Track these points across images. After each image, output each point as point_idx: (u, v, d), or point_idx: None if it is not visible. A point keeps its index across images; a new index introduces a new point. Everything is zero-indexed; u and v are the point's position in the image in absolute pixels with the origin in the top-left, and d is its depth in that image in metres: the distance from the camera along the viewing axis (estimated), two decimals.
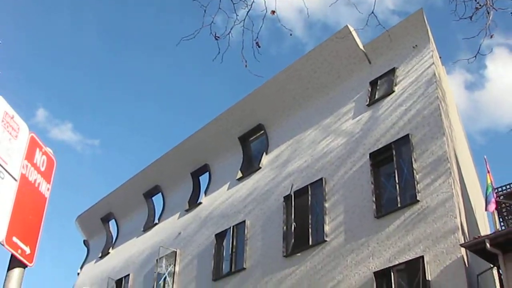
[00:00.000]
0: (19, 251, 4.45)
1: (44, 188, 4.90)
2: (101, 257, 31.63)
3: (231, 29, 7.80)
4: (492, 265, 15.68)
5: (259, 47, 8.02)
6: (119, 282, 28.30)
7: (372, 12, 7.86)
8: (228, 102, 74.30)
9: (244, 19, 7.72)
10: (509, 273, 14.08)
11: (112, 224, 32.48)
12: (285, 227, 20.04)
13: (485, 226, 22.63)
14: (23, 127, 4.74)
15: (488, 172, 17.15)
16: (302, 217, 19.66)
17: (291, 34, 9.25)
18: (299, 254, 19.04)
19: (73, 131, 74.79)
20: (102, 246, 32.18)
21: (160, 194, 28.81)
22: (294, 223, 19.74)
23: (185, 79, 70.70)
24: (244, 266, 20.97)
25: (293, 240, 19.62)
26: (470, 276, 15.07)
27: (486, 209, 16.51)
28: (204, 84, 70.10)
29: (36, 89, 70.99)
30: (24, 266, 4.53)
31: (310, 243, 18.90)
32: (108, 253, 31.15)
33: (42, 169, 4.91)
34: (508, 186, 18.79)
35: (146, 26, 68.99)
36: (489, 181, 16.85)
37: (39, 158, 4.88)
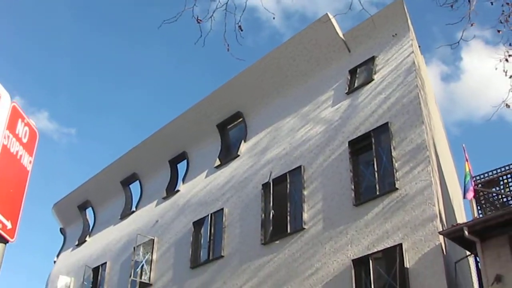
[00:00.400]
0: (0, 225, 4.26)
1: (26, 161, 4.67)
2: (78, 245, 31.38)
3: (214, 12, 7.67)
4: (469, 253, 15.77)
5: (241, 30, 7.91)
6: (96, 270, 28.11)
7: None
8: (206, 89, 73.98)
9: (227, 2, 7.59)
10: (486, 260, 14.16)
11: (89, 212, 32.21)
12: (263, 215, 19.99)
13: (462, 215, 22.78)
14: (4, 96, 4.50)
15: (467, 160, 17.19)
16: (281, 205, 19.62)
17: (274, 18, 9.09)
18: (277, 242, 19.01)
19: (49, 120, 74.07)
20: (79, 234, 31.92)
21: (137, 181, 28.60)
22: (273, 211, 19.69)
23: (163, 66, 70.34)
24: (222, 254, 20.91)
25: (271, 228, 19.57)
26: (448, 263, 15.17)
27: (464, 197, 16.56)
28: (183, 72, 69.85)
29: (13, 76, 70.15)
30: (5, 241, 4.34)
31: (289, 230, 18.87)
32: (85, 241, 30.91)
33: (24, 140, 4.66)
34: (486, 175, 18.85)
35: (125, 11, 68.44)
36: (467, 169, 16.89)
37: (21, 129, 4.64)
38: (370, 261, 16.17)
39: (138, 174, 28.32)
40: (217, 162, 23.57)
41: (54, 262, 33.29)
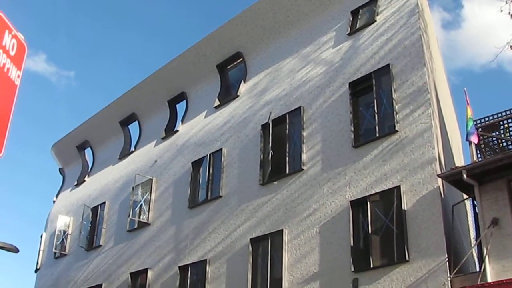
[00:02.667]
0: None
1: (14, 74, 4.50)
2: (77, 185, 31.54)
3: None
4: (467, 196, 15.80)
5: None
6: (94, 210, 28.31)
7: None
8: (206, 29, 73.22)
9: None
10: (483, 204, 14.21)
11: (87, 152, 32.27)
12: (262, 156, 19.99)
13: (461, 159, 22.78)
14: None
15: (468, 104, 17.06)
16: (279, 146, 19.59)
17: None
18: (275, 182, 19.06)
19: (47, 62, 73.53)
20: (77, 174, 32.05)
21: (136, 122, 28.53)
22: (271, 152, 19.67)
23: (163, 6, 69.44)
24: (220, 194, 21.00)
25: (269, 169, 19.60)
26: (445, 206, 15.22)
27: (467, 139, 16.49)
28: (183, 12, 68.98)
29: (8, 17, 69.29)
30: None
31: (287, 171, 18.90)
32: (84, 181, 31.05)
33: (12, 53, 4.47)
34: (486, 119, 18.77)
35: None
36: (469, 113, 16.78)
37: (8, 41, 4.44)
38: (368, 203, 16.24)
39: (137, 114, 28.22)
40: (217, 103, 23.43)
41: (53, 202, 33.51)
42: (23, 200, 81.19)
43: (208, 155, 22.36)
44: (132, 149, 27.98)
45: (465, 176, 14.09)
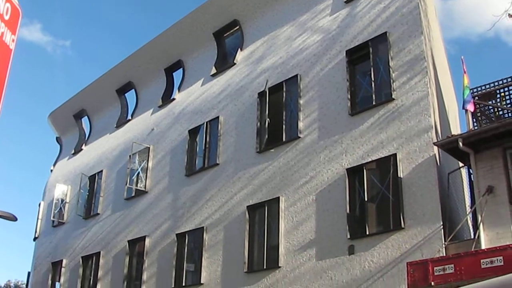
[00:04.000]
0: None
1: (9, 39, 4.46)
2: (74, 154, 31.58)
3: None
4: (463, 164, 15.86)
5: None
6: (92, 178, 28.39)
7: None
8: None
9: None
10: (479, 172, 14.26)
11: (84, 120, 32.22)
12: (258, 123, 20.00)
13: (457, 127, 22.83)
14: None
15: (465, 72, 17.02)
16: (276, 114, 19.59)
17: None
18: (272, 150, 19.11)
19: (42, 32, 73.04)
20: (75, 142, 32.07)
21: (133, 90, 28.43)
22: (268, 119, 19.68)
23: None
24: (217, 162, 21.08)
25: (266, 136, 19.63)
26: (441, 174, 15.30)
27: (464, 108, 16.50)
28: None
29: None
30: None
31: (284, 139, 18.94)
32: (81, 149, 31.08)
33: (6, 17, 4.43)
34: (482, 87, 18.77)
35: None
36: (466, 82, 16.76)
37: (2, 5, 4.41)
38: (364, 171, 16.31)
39: (133, 83, 28.13)
40: (213, 71, 23.36)
41: (51, 171, 33.58)
42: (21, 170, 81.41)
43: (205, 123, 22.37)
44: (129, 117, 27.96)
45: (461, 144, 14.11)
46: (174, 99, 25.03)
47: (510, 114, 18.81)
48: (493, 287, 3.37)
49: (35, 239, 31.98)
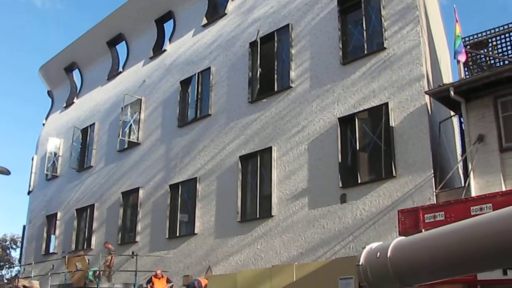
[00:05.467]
0: None
1: None
2: (66, 107, 31.48)
3: None
4: (454, 113, 15.90)
5: None
6: (84, 131, 28.37)
7: None
8: None
9: None
10: (470, 121, 14.30)
11: (75, 73, 32.01)
12: (250, 73, 19.94)
13: (449, 76, 22.76)
14: None
15: (457, 21, 16.90)
16: (268, 63, 19.51)
17: None
18: (264, 100, 19.09)
19: None
20: (66, 96, 31.93)
21: (123, 42, 28.17)
22: (260, 69, 19.60)
23: None
24: (209, 112, 21.07)
25: (258, 86, 19.58)
26: (432, 123, 15.34)
27: (455, 58, 16.43)
28: None
29: None
30: None
31: (276, 89, 18.92)
32: (73, 102, 30.98)
33: None
34: (474, 36, 18.66)
35: None
36: (458, 31, 16.65)
37: None
38: (356, 120, 16.35)
39: (124, 35, 27.87)
40: (204, 21, 23.13)
41: (43, 125, 33.49)
42: (13, 124, 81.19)
43: (197, 74, 22.26)
44: (120, 69, 27.80)
45: (452, 93, 14.11)
46: (165, 50, 24.85)
47: (501, 63, 18.76)
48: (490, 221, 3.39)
49: (29, 193, 32.09)
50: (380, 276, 3.82)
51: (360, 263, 3.93)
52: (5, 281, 28.79)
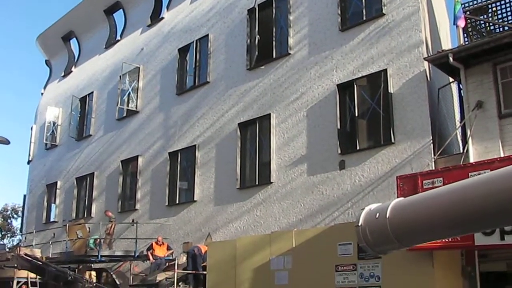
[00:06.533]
0: None
1: None
2: (64, 76, 31.40)
3: None
4: (453, 79, 15.87)
5: None
6: (83, 100, 28.35)
7: None
8: None
9: None
10: (469, 87, 14.28)
11: (73, 42, 31.83)
12: (248, 40, 19.86)
13: (448, 43, 22.66)
14: None
15: None
16: (266, 30, 19.43)
17: None
18: (262, 67, 19.06)
19: None
20: (64, 65, 31.82)
21: (121, 10, 27.97)
22: (258, 36, 19.55)
23: None
24: (208, 80, 21.04)
25: (256, 53, 19.55)
26: (431, 89, 15.34)
27: (454, 23, 16.34)
28: None
29: None
30: None
31: (274, 56, 18.88)
32: (71, 72, 30.89)
33: None
34: (474, 2, 18.54)
35: None
36: None
37: None
38: (355, 86, 16.35)
39: (121, 2, 27.64)
40: None
41: (42, 94, 33.43)
42: (12, 94, 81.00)
43: (195, 41, 22.18)
44: (118, 38, 27.67)
45: (451, 59, 14.07)
46: (163, 18, 24.71)
47: (501, 29, 18.67)
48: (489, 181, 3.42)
49: (29, 162, 32.16)
50: (379, 237, 3.84)
51: (359, 224, 3.95)
52: (7, 250, 28.88)
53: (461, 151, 14.49)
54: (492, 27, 18.70)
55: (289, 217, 16.97)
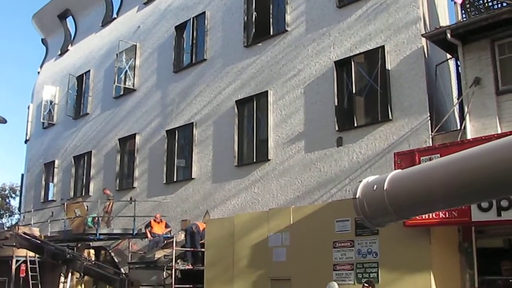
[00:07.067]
0: None
1: None
2: (61, 55, 31.28)
3: None
4: (451, 56, 15.82)
5: None
6: (80, 79, 28.26)
7: None
8: None
9: None
10: (466, 63, 14.25)
11: (69, 20, 31.61)
12: (245, 17, 19.73)
13: (446, 19, 22.54)
14: None
15: None
16: (263, 7, 19.32)
17: None
18: (259, 44, 18.99)
19: None
20: (60, 43, 31.63)
21: None
22: (255, 13, 19.45)
23: None
24: (205, 57, 20.97)
25: (254, 30, 19.48)
26: (429, 66, 15.30)
27: (453, 0, 16.27)
28: None
29: None
30: None
31: (271, 33, 18.80)
32: (67, 50, 30.75)
33: None
34: None
35: None
36: None
37: None
38: (352, 63, 16.32)
39: None
40: None
41: (38, 73, 33.29)
42: (8, 72, 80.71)
43: (192, 19, 22.04)
44: (114, 15, 27.50)
45: (449, 35, 14.01)
46: None
47: (499, 5, 18.59)
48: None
49: (26, 141, 32.13)
50: (376, 209, 3.85)
51: (356, 197, 3.96)
52: (5, 229, 28.97)
53: (459, 127, 14.48)
54: (490, 3, 18.61)
55: (287, 194, 17.01)
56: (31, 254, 22.50)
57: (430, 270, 12.06)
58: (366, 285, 11.84)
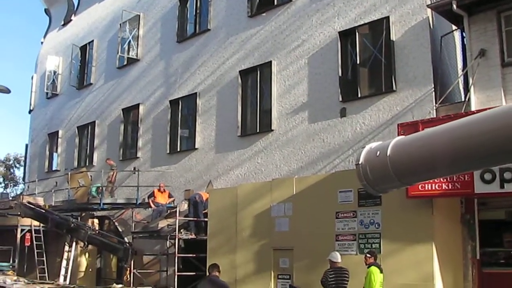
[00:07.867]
0: None
1: None
2: (64, 25, 31.13)
3: None
4: (456, 27, 15.71)
5: None
6: (83, 49, 28.18)
7: None
8: None
9: None
10: (472, 35, 14.14)
11: None
12: None
13: None
14: None
15: None
16: None
17: None
18: (264, 14, 18.86)
19: None
20: (64, 14, 31.47)
21: None
22: None
23: None
24: (209, 27, 20.86)
25: (257, 0, 19.33)
26: (434, 37, 15.20)
27: None
28: None
29: None
30: None
31: (275, 2, 18.69)
32: (71, 20, 30.61)
33: None
34: None
35: None
36: None
37: None
38: (357, 34, 16.22)
39: None
40: None
41: (41, 43, 33.19)
42: (12, 43, 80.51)
43: None
44: None
45: (454, 6, 13.88)
46: None
47: None
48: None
49: (30, 111, 32.14)
50: (380, 175, 3.85)
51: (359, 163, 3.95)
52: (10, 198, 29.13)
53: (463, 99, 14.45)
54: None
55: (290, 165, 17.04)
56: (36, 223, 22.67)
57: (432, 241, 12.10)
58: (368, 255, 11.88)
